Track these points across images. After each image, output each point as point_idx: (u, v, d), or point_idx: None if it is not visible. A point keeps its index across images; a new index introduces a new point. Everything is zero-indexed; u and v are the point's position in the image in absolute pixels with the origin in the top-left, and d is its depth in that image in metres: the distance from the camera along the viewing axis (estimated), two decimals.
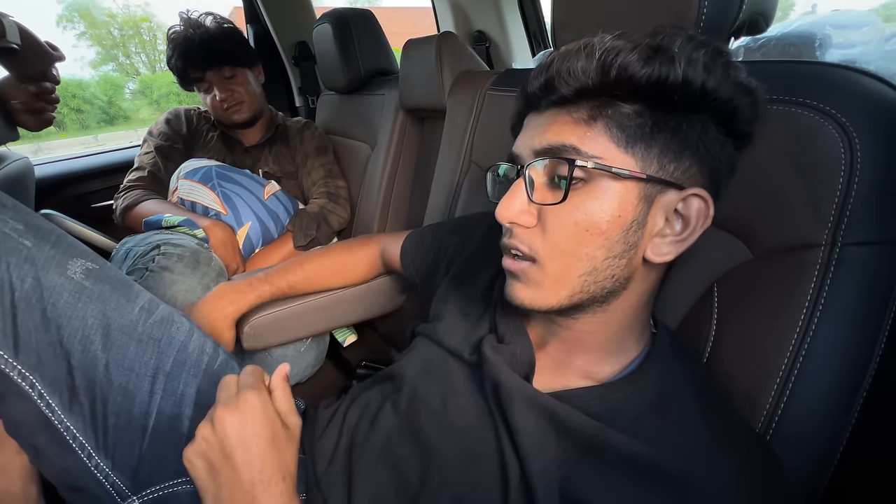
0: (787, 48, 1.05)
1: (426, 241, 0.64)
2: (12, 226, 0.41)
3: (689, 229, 0.36)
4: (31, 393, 0.40)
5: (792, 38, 1.04)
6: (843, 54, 1.00)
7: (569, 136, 0.35)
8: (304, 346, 0.83)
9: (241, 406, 0.36)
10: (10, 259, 0.40)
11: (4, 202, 0.42)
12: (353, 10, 1.06)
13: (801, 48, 1.03)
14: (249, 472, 0.35)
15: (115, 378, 0.43)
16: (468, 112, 0.79)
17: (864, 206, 0.35)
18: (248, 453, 0.35)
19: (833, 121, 0.36)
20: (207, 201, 0.95)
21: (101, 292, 0.45)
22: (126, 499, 0.43)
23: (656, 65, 0.32)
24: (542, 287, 0.37)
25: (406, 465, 0.42)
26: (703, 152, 0.35)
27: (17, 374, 0.40)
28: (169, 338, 0.48)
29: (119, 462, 0.43)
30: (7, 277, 0.40)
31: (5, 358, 0.40)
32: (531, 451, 0.35)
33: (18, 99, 0.83)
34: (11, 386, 0.40)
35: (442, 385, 0.45)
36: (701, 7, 0.41)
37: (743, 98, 0.34)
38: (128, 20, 7.38)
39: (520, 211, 0.36)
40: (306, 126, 1.14)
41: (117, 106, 6.71)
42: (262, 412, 0.36)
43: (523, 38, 1.72)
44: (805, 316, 0.36)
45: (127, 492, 0.43)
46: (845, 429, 0.36)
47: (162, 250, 0.69)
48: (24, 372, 0.40)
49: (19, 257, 0.41)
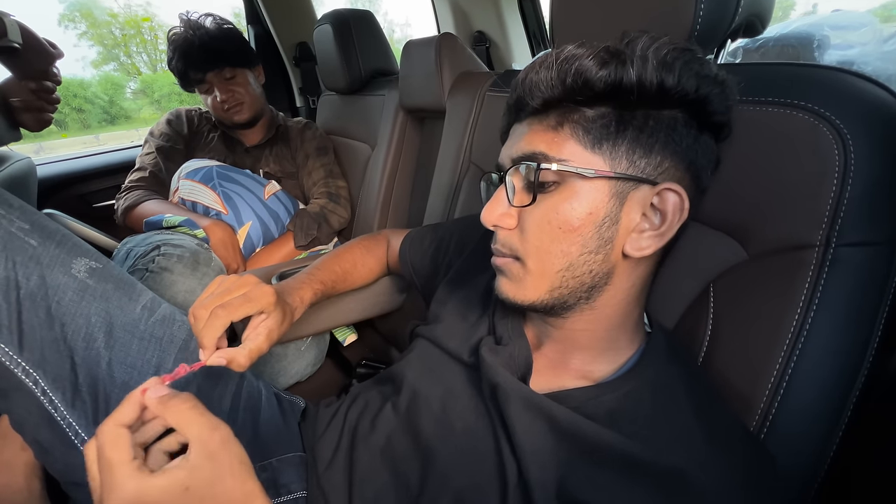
0: (786, 49, 1.06)
1: (425, 242, 0.64)
2: (18, 225, 0.42)
3: (666, 223, 0.36)
4: (34, 389, 0.41)
5: (790, 40, 1.05)
6: (841, 55, 1.00)
7: (539, 144, 0.37)
8: (304, 344, 0.83)
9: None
10: (16, 257, 0.41)
11: (10, 202, 0.43)
12: (353, 11, 1.06)
13: (800, 49, 1.04)
14: None
15: (117, 375, 0.44)
16: (467, 113, 0.80)
17: (857, 207, 0.36)
18: None
19: (827, 123, 0.37)
20: (208, 201, 0.95)
21: (105, 291, 0.45)
22: None
23: (611, 68, 0.34)
24: (523, 282, 0.39)
25: (406, 466, 0.42)
26: (675, 146, 0.36)
27: (21, 370, 0.41)
28: (170, 336, 0.49)
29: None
30: (13, 275, 0.40)
31: (10, 354, 0.40)
32: (529, 452, 0.36)
33: (19, 97, 0.83)
34: (16, 382, 0.41)
35: (441, 386, 0.45)
36: (697, 10, 0.41)
37: (711, 90, 0.35)
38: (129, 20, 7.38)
39: (501, 214, 0.39)
40: (307, 126, 1.14)
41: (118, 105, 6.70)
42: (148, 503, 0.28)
43: (523, 39, 1.72)
44: (799, 316, 0.37)
45: None
46: (839, 428, 0.37)
47: (162, 251, 0.69)
48: (28, 368, 0.41)
49: (25, 256, 0.41)
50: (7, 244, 0.41)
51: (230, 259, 0.89)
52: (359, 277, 0.66)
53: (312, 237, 0.99)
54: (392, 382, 0.50)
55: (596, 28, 0.49)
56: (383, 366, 0.79)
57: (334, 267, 0.62)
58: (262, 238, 0.99)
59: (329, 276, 0.59)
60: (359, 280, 0.66)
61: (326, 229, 1.02)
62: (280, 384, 0.81)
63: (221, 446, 0.30)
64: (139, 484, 0.27)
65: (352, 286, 0.65)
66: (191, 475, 0.28)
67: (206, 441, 0.29)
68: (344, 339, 0.98)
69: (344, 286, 0.63)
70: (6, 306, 0.40)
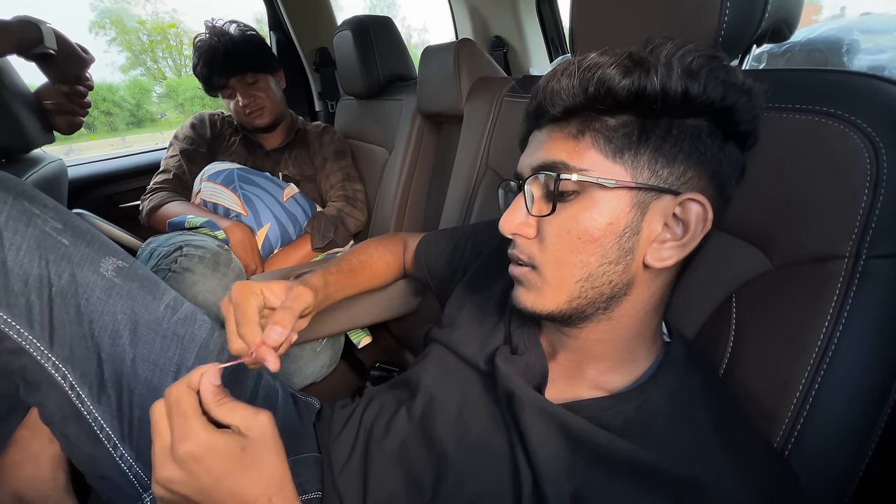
0: (813, 54, 1.03)
1: (440, 245, 0.64)
2: (52, 225, 0.44)
3: (689, 234, 0.36)
4: (63, 384, 0.42)
5: (818, 44, 1.02)
6: (872, 60, 0.97)
7: (559, 153, 0.36)
8: (319, 346, 0.84)
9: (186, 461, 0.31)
10: (48, 256, 0.42)
11: (45, 202, 0.45)
12: (372, 18, 1.08)
13: (828, 54, 1.01)
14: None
15: (140, 372, 0.45)
16: (485, 118, 0.80)
17: (890, 218, 0.34)
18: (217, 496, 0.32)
19: (858, 130, 0.36)
20: (229, 203, 0.97)
21: (131, 289, 0.47)
22: (147, 490, 0.45)
23: (634, 77, 0.33)
24: (542, 292, 0.38)
25: (420, 470, 0.42)
26: (699, 156, 0.35)
27: (51, 365, 0.42)
28: (192, 335, 0.50)
29: (142, 454, 0.45)
30: (46, 273, 0.42)
31: (41, 350, 0.42)
32: (543, 461, 0.36)
33: (53, 101, 0.87)
34: (46, 376, 0.42)
35: (457, 393, 0.45)
36: (722, 14, 0.41)
37: (738, 98, 0.34)
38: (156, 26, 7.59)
39: (520, 223, 0.38)
40: (325, 130, 1.16)
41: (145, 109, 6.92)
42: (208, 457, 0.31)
43: (541, 43, 1.72)
44: (827, 330, 0.36)
45: (148, 483, 0.45)
46: (868, 446, 0.35)
47: (184, 251, 0.71)
48: (58, 363, 0.42)
49: (57, 254, 0.43)
50: (41, 243, 0.42)
51: (249, 259, 0.90)
52: (377, 270, 0.65)
53: (329, 240, 1.00)
54: (407, 387, 0.50)
55: (617, 34, 0.49)
56: (397, 368, 0.79)
57: (350, 258, 0.62)
58: (280, 240, 1.01)
59: (346, 264, 0.60)
60: (377, 273, 0.65)
61: (343, 232, 1.03)
62: (295, 384, 0.82)
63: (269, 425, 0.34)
64: (210, 435, 0.32)
65: (371, 279, 0.64)
66: (246, 440, 0.33)
67: (254, 419, 0.34)
68: (358, 341, 0.98)
69: (364, 276, 0.62)
70: (38, 303, 0.42)
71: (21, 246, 0.41)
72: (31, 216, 0.43)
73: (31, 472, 0.45)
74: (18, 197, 0.43)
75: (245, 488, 0.33)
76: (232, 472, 0.32)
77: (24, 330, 0.41)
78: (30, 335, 0.41)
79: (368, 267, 0.64)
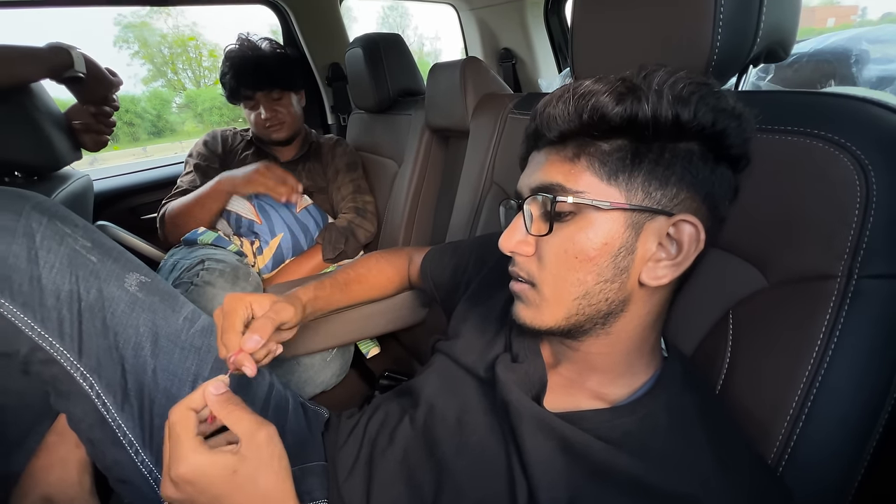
0: (821, 65, 1.03)
1: (445, 258, 0.66)
2: (82, 243, 0.47)
3: (682, 253, 0.37)
4: (90, 392, 0.45)
5: (826, 55, 1.02)
6: (881, 70, 0.97)
7: (556, 175, 0.38)
8: (329, 355, 0.87)
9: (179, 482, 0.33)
10: (78, 272, 0.46)
11: (76, 222, 0.48)
12: (383, 36, 1.11)
13: (836, 65, 1.01)
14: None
15: (161, 382, 0.48)
16: (490, 134, 0.82)
17: (880, 239, 0.35)
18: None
19: (848, 153, 0.37)
20: (244, 211, 1.01)
21: (152, 303, 0.50)
22: None
23: (627, 104, 0.35)
24: (540, 309, 0.40)
25: (421, 479, 0.44)
26: (691, 178, 0.36)
27: (79, 374, 0.45)
28: (208, 346, 0.52)
29: (162, 460, 0.47)
30: (76, 289, 0.45)
31: (71, 360, 0.45)
32: (539, 471, 0.37)
33: (80, 120, 0.92)
34: (75, 385, 0.45)
35: (457, 401, 0.47)
36: (714, 41, 0.42)
37: (729, 123, 0.36)
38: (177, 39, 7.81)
39: (518, 241, 0.40)
40: (338, 143, 1.19)
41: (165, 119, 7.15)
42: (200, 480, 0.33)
43: (549, 56, 1.74)
44: (820, 348, 0.36)
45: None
46: (861, 463, 0.36)
47: (206, 265, 0.74)
48: (86, 373, 0.45)
49: (86, 271, 0.46)
50: (72, 261, 0.46)
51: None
52: (375, 283, 0.67)
53: (340, 251, 1.03)
54: (410, 395, 0.52)
55: (615, 58, 0.51)
56: (405, 378, 0.81)
57: (347, 271, 0.65)
58: (291, 250, 1.04)
59: (342, 276, 0.62)
60: (375, 285, 0.67)
61: (353, 243, 1.06)
62: (306, 393, 0.84)
63: (267, 442, 0.35)
64: (198, 457, 0.33)
65: (367, 291, 0.67)
66: (240, 461, 0.33)
67: (254, 435, 0.34)
68: (367, 351, 1.01)
69: (358, 288, 0.65)
70: (69, 317, 0.45)
71: (54, 264, 0.45)
72: (64, 236, 0.46)
73: (60, 476, 0.48)
74: (52, 218, 0.46)
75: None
76: (227, 493, 0.33)
77: (55, 342, 0.44)
78: (61, 347, 0.44)
79: (365, 280, 0.66)
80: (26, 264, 0.44)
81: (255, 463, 0.34)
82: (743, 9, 0.41)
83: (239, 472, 0.33)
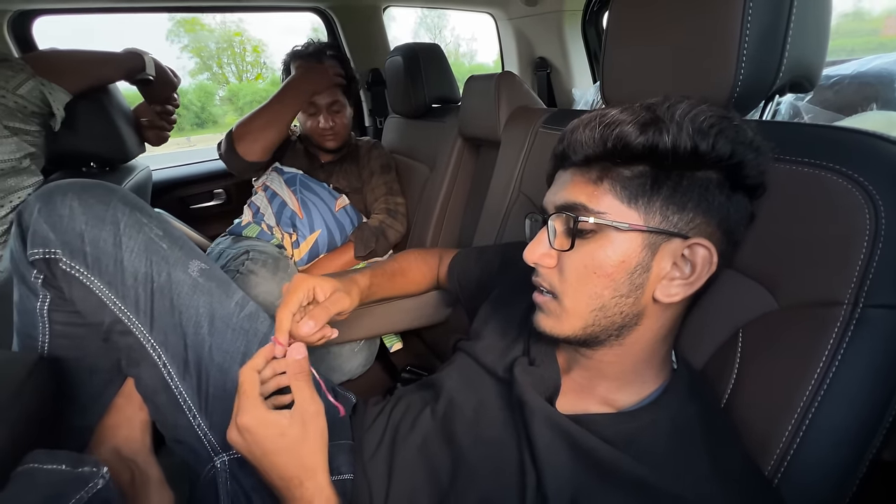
0: (863, 87, 1.02)
1: (471, 262, 0.70)
2: (155, 232, 0.54)
3: (695, 274, 0.39)
4: (158, 362, 0.52)
5: (868, 77, 1.01)
6: None
7: (579, 195, 0.41)
8: (357, 346, 0.92)
9: (242, 430, 0.40)
10: (152, 257, 0.52)
11: (150, 213, 0.55)
12: (423, 46, 1.17)
13: (879, 88, 0.99)
14: (271, 478, 0.42)
15: (215, 357, 0.54)
16: (520, 146, 0.86)
17: (886, 270, 0.37)
18: (263, 467, 0.41)
19: (860, 188, 0.38)
20: (288, 200, 1.08)
21: (210, 288, 0.56)
22: (217, 455, 0.53)
23: (649, 134, 0.38)
24: (560, 319, 0.43)
25: (439, 464, 0.48)
26: (707, 205, 0.39)
27: (150, 346, 0.52)
28: (255, 330, 0.58)
29: (215, 424, 0.53)
30: (150, 272, 0.52)
31: (144, 333, 0.52)
32: (548, 465, 0.40)
33: (146, 118, 1.02)
34: (146, 354, 0.52)
35: (476, 397, 0.51)
36: (737, 75, 0.44)
37: (746, 155, 0.38)
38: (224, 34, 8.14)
39: (542, 254, 0.43)
40: (374, 146, 1.25)
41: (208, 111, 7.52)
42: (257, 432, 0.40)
43: (584, 65, 1.75)
44: (821, 370, 0.38)
45: (219, 449, 0.54)
46: (852, 482, 0.37)
47: (251, 256, 0.82)
48: (155, 345, 0.52)
49: (158, 257, 0.53)
50: (147, 247, 0.52)
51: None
52: (412, 278, 0.73)
53: (371, 249, 1.09)
54: (432, 389, 0.56)
55: (642, 84, 0.53)
56: (425, 373, 0.85)
57: (392, 263, 0.70)
58: (327, 246, 1.10)
59: (389, 268, 0.68)
60: (412, 280, 0.73)
61: (384, 243, 1.11)
62: (334, 379, 0.90)
63: (315, 416, 0.41)
64: (257, 412, 0.40)
65: (406, 284, 0.72)
66: (289, 425, 0.40)
67: (306, 408, 0.41)
68: (391, 345, 1.06)
69: (401, 280, 0.71)
70: (144, 295, 0.52)
71: (133, 249, 0.52)
72: (142, 225, 0.53)
73: (126, 433, 0.55)
74: (133, 209, 0.53)
75: (283, 467, 0.40)
76: (274, 450, 0.40)
77: (133, 316, 0.51)
78: (137, 321, 0.51)
79: (408, 274, 0.72)
80: (112, 248, 0.51)
81: (300, 432, 0.40)
82: (766, 45, 0.44)
83: (286, 437, 0.40)
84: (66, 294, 0.51)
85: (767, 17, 0.43)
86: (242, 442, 0.41)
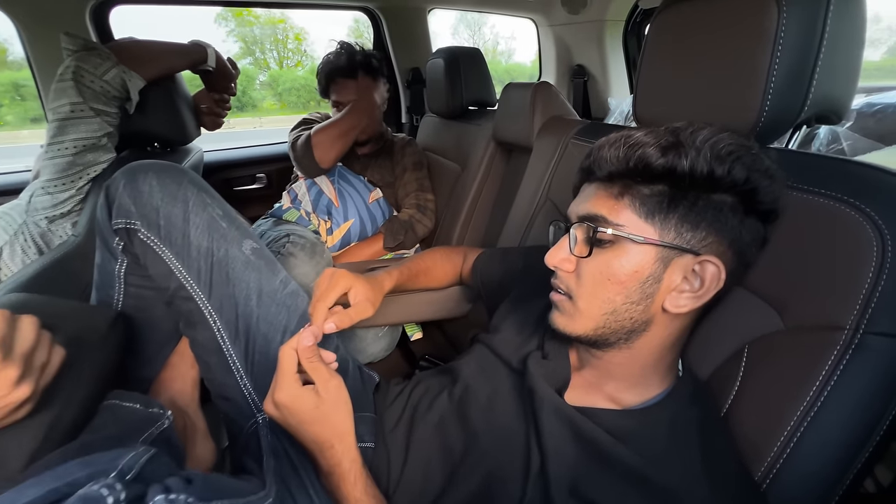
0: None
1: (495, 262, 0.74)
2: (217, 212, 0.60)
3: (703, 288, 0.42)
4: (213, 326, 0.59)
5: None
6: None
7: (601, 208, 0.44)
8: (381, 332, 0.98)
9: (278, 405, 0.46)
10: (213, 234, 0.59)
11: (213, 194, 0.62)
12: (464, 50, 1.21)
13: None
14: (305, 441, 0.48)
15: (261, 328, 0.61)
16: (551, 155, 0.89)
17: (889, 301, 0.39)
18: (298, 434, 0.47)
19: (869, 220, 0.41)
20: (325, 189, 1.15)
21: (259, 266, 0.62)
22: (259, 412, 0.60)
23: (669, 157, 0.41)
24: (574, 318, 0.47)
25: (453, 441, 0.53)
26: (720, 225, 0.42)
27: (207, 312, 0.59)
28: (296, 306, 0.65)
29: (258, 386, 0.60)
30: (211, 247, 0.59)
31: (203, 300, 0.58)
32: (552, 451, 0.44)
33: (205, 104, 1.10)
34: (203, 318, 0.59)
35: (490, 385, 0.55)
36: (763, 107, 0.47)
37: (761, 182, 0.41)
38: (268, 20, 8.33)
39: (562, 259, 0.47)
40: (409, 143, 1.31)
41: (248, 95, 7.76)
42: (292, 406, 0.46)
43: (622, 74, 1.75)
44: (816, 389, 0.41)
45: (261, 407, 0.60)
46: (833, 497, 0.40)
47: (291, 239, 0.88)
48: (212, 311, 0.59)
49: (218, 234, 0.60)
50: (210, 225, 0.59)
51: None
52: (435, 276, 0.79)
53: (399, 241, 1.14)
54: (450, 375, 0.61)
55: (673, 106, 0.56)
56: (443, 363, 0.90)
57: (418, 262, 0.76)
58: (358, 234, 1.16)
59: (414, 266, 0.74)
60: (435, 278, 0.79)
61: (412, 236, 1.17)
62: (359, 360, 0.96)
63: (337, 389, 0.47)
64: (293, 389, 0.46)
65: (429, 281, 0.78)
66: (321, 401, 0.46)
67: (328, 383, 0.46)
68: (412, 334, 1.11)
69: (424, 279, 0.77)
70: (205, 267, 0.58)
71: (199, 225, 0.58)
72: (206, 205, 0.60)
73: (180, 387, 0.63)
74: (200, 190, 0.60)
75: (318, 433, 0.47)
76: (308, 420, 0.46)
77: (195, 284, 0.58)
78: (198, 288, 0.58)
79: (430, 272, 0.77)
80: (181, 223, 0.57)
81: (331, 403, 0.46)
82: (793, 82, 0.46)
83: (319, 409, 0.46)
84: (140, 260, 0.58)
85: (795, 55, 0.45)
86: (279, 414, 0.47)
